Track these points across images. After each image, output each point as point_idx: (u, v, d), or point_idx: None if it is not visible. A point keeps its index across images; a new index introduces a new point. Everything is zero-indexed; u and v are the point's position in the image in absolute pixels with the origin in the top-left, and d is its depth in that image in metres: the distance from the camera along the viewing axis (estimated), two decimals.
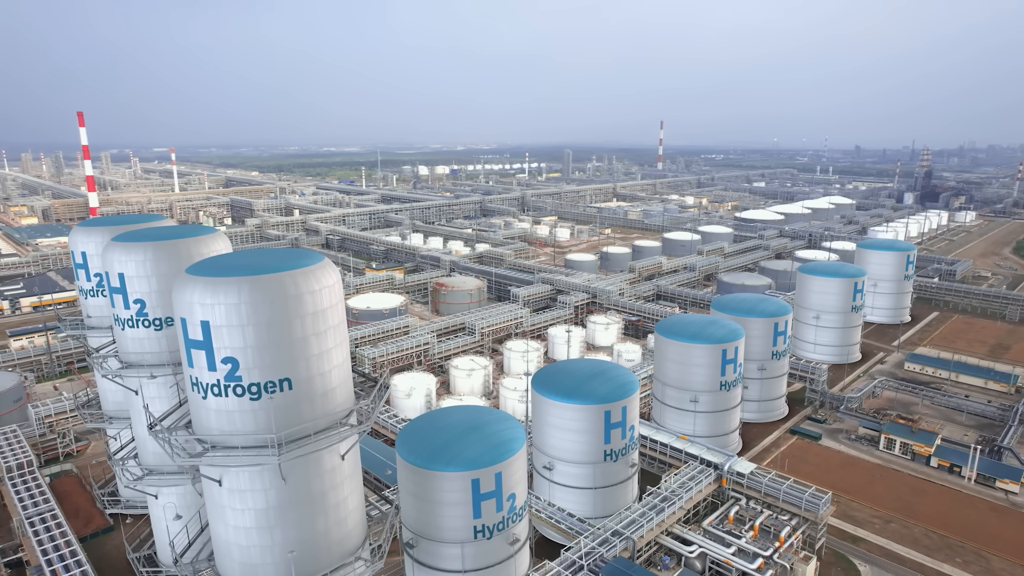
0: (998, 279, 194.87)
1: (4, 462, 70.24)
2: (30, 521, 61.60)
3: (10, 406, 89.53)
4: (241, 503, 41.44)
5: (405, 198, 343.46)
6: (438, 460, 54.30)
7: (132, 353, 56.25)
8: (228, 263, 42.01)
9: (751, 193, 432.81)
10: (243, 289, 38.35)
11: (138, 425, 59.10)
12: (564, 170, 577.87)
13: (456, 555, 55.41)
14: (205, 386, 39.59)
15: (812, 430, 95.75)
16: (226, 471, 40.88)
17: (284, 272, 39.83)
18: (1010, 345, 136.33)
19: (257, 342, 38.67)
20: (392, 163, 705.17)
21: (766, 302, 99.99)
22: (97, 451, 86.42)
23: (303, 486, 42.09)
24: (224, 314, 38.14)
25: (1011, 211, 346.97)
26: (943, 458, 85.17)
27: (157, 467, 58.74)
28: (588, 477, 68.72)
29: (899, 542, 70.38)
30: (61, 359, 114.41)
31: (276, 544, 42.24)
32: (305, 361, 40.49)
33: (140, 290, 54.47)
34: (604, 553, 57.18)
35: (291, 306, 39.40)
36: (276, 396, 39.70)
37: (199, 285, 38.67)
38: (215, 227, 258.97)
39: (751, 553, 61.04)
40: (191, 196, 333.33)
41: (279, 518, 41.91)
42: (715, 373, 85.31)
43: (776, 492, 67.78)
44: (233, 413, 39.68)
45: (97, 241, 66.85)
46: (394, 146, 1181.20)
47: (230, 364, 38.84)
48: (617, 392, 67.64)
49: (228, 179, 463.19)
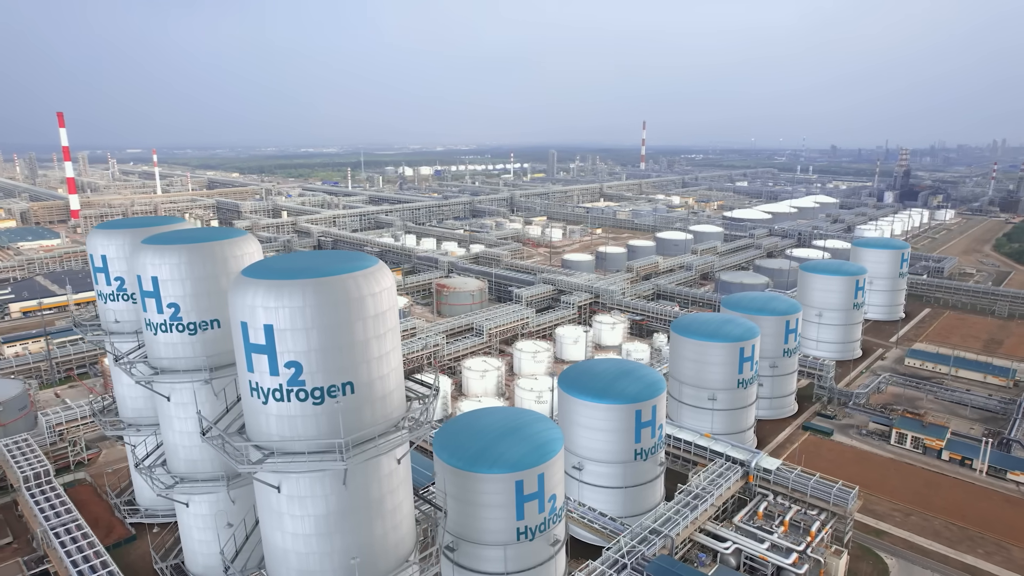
0: (983, 275, 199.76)
1: (21, 472, 68.25)
2: (55, 532, 59.91)
3: (15, 414, 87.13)
4: (301, 510, 40.77)
5: (394, 199, 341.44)
6: (481, 462, 54.10)
7: (164, 358, 55.11)
8: (285, 266, 41.29)
9: (735, 193, 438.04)
10: (307, 292, 37.75)
11: (168, 432, 57.85)
12: (549, 170, 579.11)
13: (498, 557, 55.24)
14: (266, 391, 38.87)
15: (823, 426, 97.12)
16: (286, 477, 40.19)
17: (346, 274, 39.30)
18: (1002, 340, 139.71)
19: (321, 345, 38.09)
20: (374, 164, 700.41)
21: (776, 300, 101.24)
22: (109, 459, 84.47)
23: (363, 491, 41.57)
24: (288, 317, 37.50)
25: (987, 209, 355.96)
26: (954, 451, 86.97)
27: (189, 475, 57.65)
28: (618, 476, 68.94)
29: (921, 534, 71.72)
30: (60, 365, 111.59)
31: (335, 550, 41.65)
32: (366, 364, 39.99)
33: (174, 294, 53.39)
34: (645, 551, 57.34)
35: (354, 309, 38.90)
36: (339, 400, 39.14)
37: (261, 288, 37.94)
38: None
39: (784, 548, 61.73)
40: (175, 198, 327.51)
41: (338, 524, 41.33)
42: (732, 371, 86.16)
43: (804, 487, 68.55)
44: (295, 418, 39.03)
45: (118, 244, 65.49)
46: (373, 147, 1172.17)
47: (293, 368, 38.20)
48: (647, 391, 67.94)
49: (211, 180, 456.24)
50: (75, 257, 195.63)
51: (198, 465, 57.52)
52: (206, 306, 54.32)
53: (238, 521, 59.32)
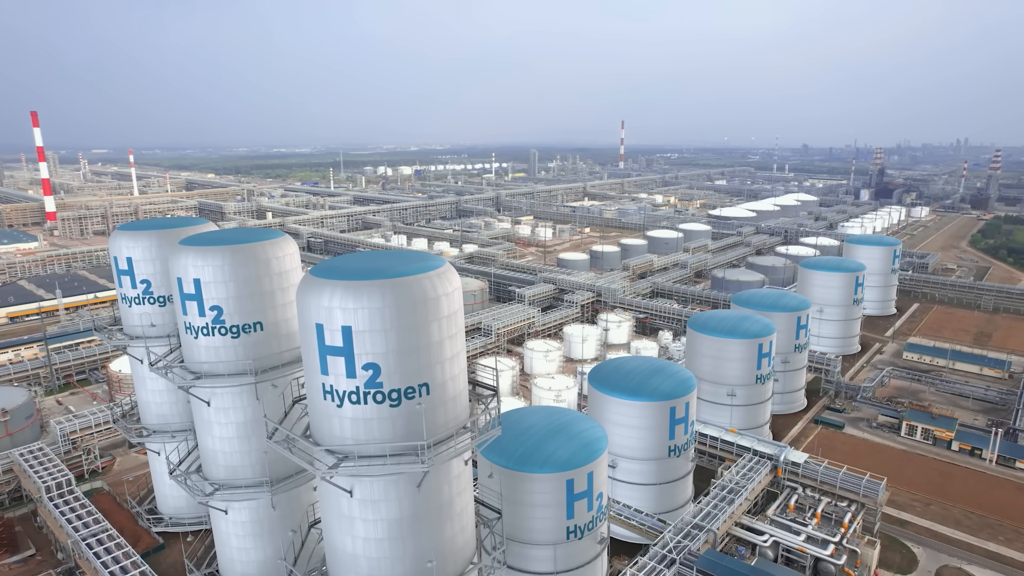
0: (963, 271, 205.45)
1: (42, 482, 66.08)
2: (88, 543, 58.13)
3: (22, 423, 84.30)
4: (374, 514, 40.19)
5: (379, 199, 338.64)
6: (531, 462, 54.02)
7: (205, 363, 53.86)
8: (353, 266, 40.58)
9: (716, 191, 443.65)
10: (386, 292, 37.23)
11: (207, 437, 56.56)
12: (530, 170, 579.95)
13: (547, 557, 55.22)
14: (342, 393, 38.22)
15: (835, 420, 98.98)
16: (359, 481, 39.61)
17: (422, 274, 38.87)
18: (991, 333, 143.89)
19: (399, 346, 37.59)
20: (352, 164, 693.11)
21: (787, 297, 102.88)
22: (124, 467, 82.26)
23: (435, 494, 41.15)
24: (367, 318, 36.93)
25: (959, 206, 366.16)
26: (964, 442, 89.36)
27: (228, 481, 56.44)
28: (652, 473, 69.37)
29: (942, 523, 73.55)
30: (59, 372, 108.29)
31: (407, 554, 41.16)
32: (440, 365, 39.59)
33: (217, 296, 52.27)
34: (690, 546, 57.85)
35: (430, 309, 38.49)
36: (420, 402, 38.70)
37: (339, 289, 37.29)
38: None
39: (820, 540, 62.80)
40: (154, 199, 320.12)
41: (411, 527, 40.83)
42: (751, 367, 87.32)
43: (833, 479, 69.85)
44: (371, 421, 38.45)
45: (145, 246, 63.99)
46: (346, 146, 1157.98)
47: (371, 370, 37.63)
48: (680, 388, 68.51)
49: (189, 181, 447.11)
50: (58, 261, 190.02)
51: (238, 471, 56.36)
52: (249, 308, 53.29)
53: (280, 527, 58.62)
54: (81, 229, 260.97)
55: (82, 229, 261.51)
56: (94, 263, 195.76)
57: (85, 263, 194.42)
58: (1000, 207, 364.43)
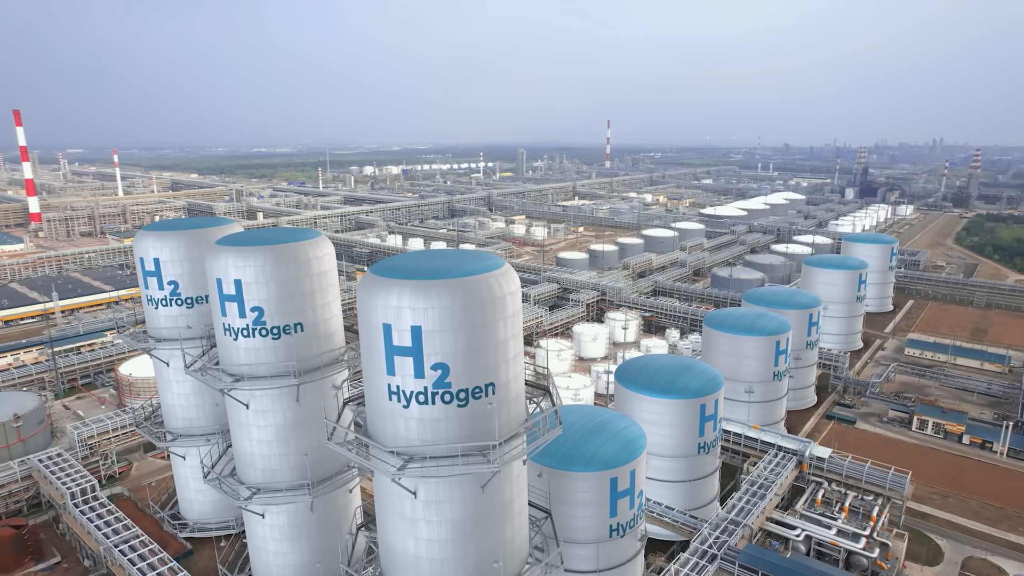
0: (952, 267, 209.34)
1: (67, 488, 64.66)
2: (120, 549, 57.02)
3: (34, 428, 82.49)
4: (438, 515, 39.93)
5: (371, 199, 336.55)
6: (575, 461, 54.04)
7: (244, 365, 53.16)
8: (416, 265, 40.22)
9: (703, 190, 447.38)
10: (456, 291, 37.02)
11: (244, 440, 55.77)
12: (518, 169, 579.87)
13: (590, 555, 55.26)
14: (408, 394, 37.90)
15: (847, 415, 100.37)
16: (423, 482, 39.33)
17: (488, 273, 38.70)
18: (986, 329, 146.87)
19: (468, 346, 37.39)
20: (336, 164, 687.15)
21: (798, 294, 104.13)
22: (141, 472, 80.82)
23: (498, 494, 41.02)
24: (438, 318, 36.69)
25: (941, 205, 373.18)
26: (974, 435, 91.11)
27: (267, 484, 55.74)
28: (681, 470, 69.79)
29: (962, 515, 74.92)
30: (64, 375, 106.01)
31: (469, 555, 40.97)
32: (505, 364, 39.47)
33: (258, 297, 51.63)
34: (729, 541, 58.32)
35: (497, 308, 38.34)
36: (482, 401, 38.54)
37: (408, 288, 36.97)
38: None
39: (850, 533, 63.64)
40: (141, 200, 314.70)
41: (474, 528, 40.65)
42: (768, 364, 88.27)
43: (859, 474, 70.86)
44: (439, 421, 38.20)
45: (173, 246, 63.11)
46: (327, 146, 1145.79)
47: (440, 370, 37.38)
48: (710, 385, 69.07)
49: (174, 182, 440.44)
50: (49, 263, 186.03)
51: (277, 474, 55.68)
52: (290, 309, 52.72)
53: (317, 531, 58.05)
54: (67, 230, 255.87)
55: (68, 230, 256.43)
56: (85, 265, 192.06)
57: (77, 265, 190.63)
58: (980, 205, 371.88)
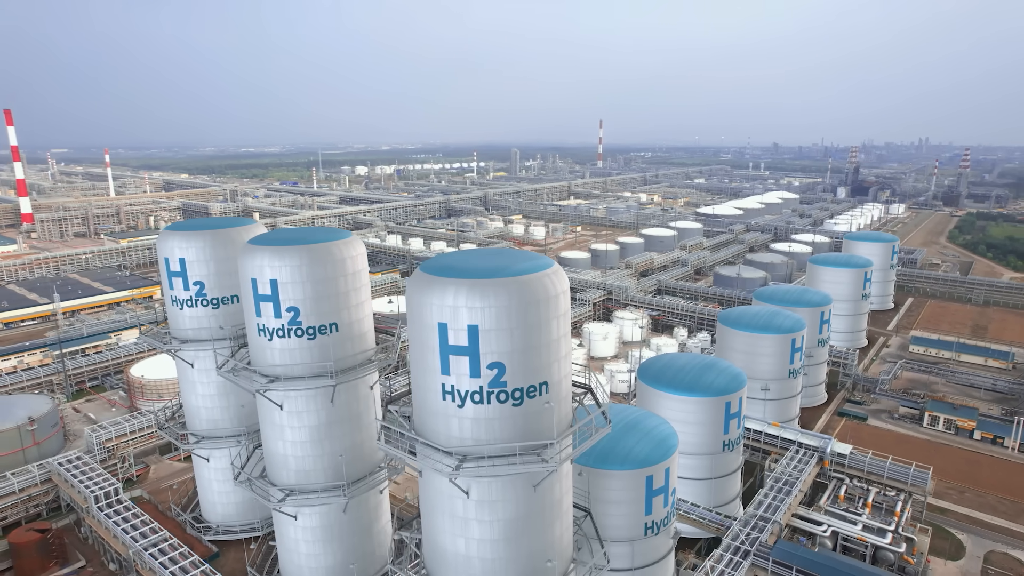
0: (948, 265, 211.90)
1: (90, 492, 63.87)
2: (151, 553, 56.45)
3: (48, 432, 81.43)
4: (491, 514, 39.89)
5: (368, 199, 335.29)
6: (611, 459, 54.12)
7: (279, 365, 52.84)
8: (468, 264, 40.05)
9: (697, 189, 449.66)
10: (512, 290, 36.98)
11: (277, 442, 55.39)
12: (511, 169, 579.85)
13: (625, 554, 55.34)
14: (463, 393, 37.83)
15: (858, 412, 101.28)
16: (476, 482, 39.27)
17: (541, 272, 38.73)
18: (986, 326, 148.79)
19: (524, 345, 37.38)
20: (327, 164, 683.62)
21: (810, 293, 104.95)
22: (159, 475, 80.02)
23: (549, 493, 41.06)
24: (495, 317, 36.64)
25: (932, 203, 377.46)
26: (985, 431, 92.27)
27: (300, 486, 55.42)
28: (706, 468, 70.10)
29: (979, 510, 75.84)
30: (71, 378, 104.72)
31: (521, 555, 40.96)
32: (557, 363, 39.55)
33: (294, 297, 51.36)
34: (761, 537, 58.71)
35: (551, 307, 38.39)
36: (536, 400, 38.56)
37: (464, 287, 36.88)
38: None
39: (876, 528, 64.26)
40: (134, 200, 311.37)
41: (526, 527, 40.65)
42: (784, 362, 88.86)
43: (880, 470, 71.57)
44: (493, 420, 38.17)
45: (199, 246, 62.61)
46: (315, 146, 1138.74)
47: (495, 369, 37.34)
48: (734, 383, 69.40)
49: (166, 182, 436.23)
50: (45, 264, 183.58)
51: (311, 476, 55.39)
52: (326, 309, 52.48)
53: (349, 532, 57.77)
54: (61, 231, 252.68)
55: (62, 231, 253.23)
56: (83, 266, 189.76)
57: (73, 266, 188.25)
58: (970, 204, 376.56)
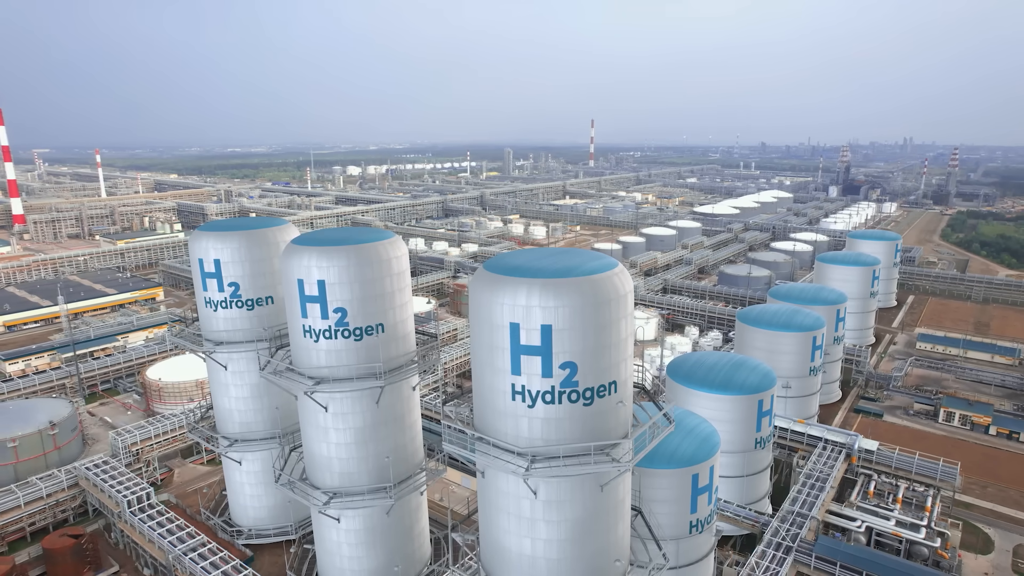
0: (944, 263, 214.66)
1: (122, 496, 63.00)
2: (191, 558, 55.78)
3: (69, 436, 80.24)
4: (558, 515, 39.80)
5: (364, 199, 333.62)
6: (657, 458, 53.99)
7: (325, 367, 52.39)
8: (532, 263, 39.71)
9: (690, 189, 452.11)
10: (585, 290, 36.92)
11: (320, 444, 54.91)
12: (504, 168, 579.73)
13: (670, 552, 55.24)
14: (535, 394, 37.69)
15: (874, 408, 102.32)
16: (544, 482, 39.18)
17: (611, 271, 38.63)
18: (987, 322, 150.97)
19: (596, 344, 37.32)
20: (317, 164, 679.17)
21: (825, 291, 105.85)
22: (183, 479, 79.09)
23: (614, 493, 41.03)
24: (568, 317, 36.55)
25: (922, 202, 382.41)
26: (1001, 426, 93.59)
27: (343, 488, 55.00)
28: (738, 465, 70.49)
29: (1003, 504, 76.90)
30: (84, 381, 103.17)
31: (586, 555, 40.92)
32: (625, 363, 39.51)
33: (342, 298, 50.99)
34: (800, 534, 59.13)
35: (621, 306, 38.38)
36: (605, 400, 38.54)
37: (536, 286, 36.74)
38: (171, 233, 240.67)
39: (908, 524, 64.93)
40: (127, 200, 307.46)
41: (592, 527, 40.62)
42: (804, 360, 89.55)
43: (909, 465, 72.35)
44: (563, 420, 38.06)
45: (234, 247, 61.97)
46: (303, 146, 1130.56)
47: (568, 369, 37.24)
48: (766, 381, 69.87)
49: (158, 182, 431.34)
50: (44, 266, 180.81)
51: (354, 478, 55.00)
52: (372, 310, 52.15)
53: (391, 534, 57.43)
54: (55, 232, 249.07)
55: (55, 232, 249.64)
56: (82, 268, 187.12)
57: (72, 268, 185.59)
58: (959, 202, 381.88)
